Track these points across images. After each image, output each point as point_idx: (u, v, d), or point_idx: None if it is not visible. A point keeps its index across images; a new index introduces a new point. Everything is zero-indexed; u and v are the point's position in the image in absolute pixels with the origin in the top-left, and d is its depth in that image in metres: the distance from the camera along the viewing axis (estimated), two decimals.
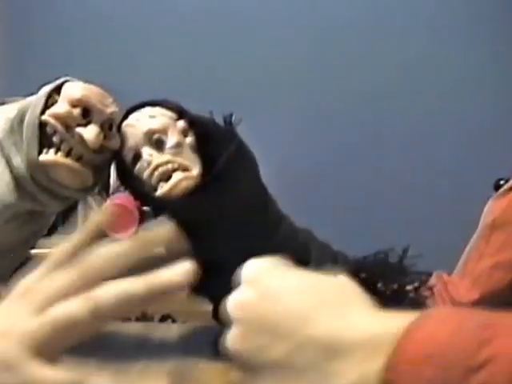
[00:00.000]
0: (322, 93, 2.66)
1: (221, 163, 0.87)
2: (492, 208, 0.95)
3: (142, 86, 2.53)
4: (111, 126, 0.92)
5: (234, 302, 0.56)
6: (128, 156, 0.89)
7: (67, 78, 0.95)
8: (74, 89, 0.92)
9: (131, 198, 2.00)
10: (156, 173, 0.87)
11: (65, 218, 2.30)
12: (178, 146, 0.88)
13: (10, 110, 0.96)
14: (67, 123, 0.90)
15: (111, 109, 0.92)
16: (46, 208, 0.98)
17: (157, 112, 0.89)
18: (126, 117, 0.89)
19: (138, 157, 0.88)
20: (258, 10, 2.67)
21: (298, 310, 0.53)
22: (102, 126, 0.91)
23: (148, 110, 0.89)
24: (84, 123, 0.91)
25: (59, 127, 0.90)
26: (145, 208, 2.00)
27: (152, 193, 0.88)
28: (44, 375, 0.51)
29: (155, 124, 0.88)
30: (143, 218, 2.03)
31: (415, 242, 0.89)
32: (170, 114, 0.90)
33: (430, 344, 0.46)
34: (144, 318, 1.92)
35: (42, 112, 0.91)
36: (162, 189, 0.87)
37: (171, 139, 0.88)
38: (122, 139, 0.89)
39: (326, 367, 0.51)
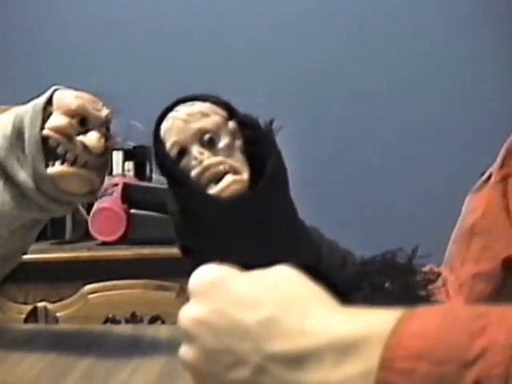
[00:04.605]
0: (320, 94, 2.67)
1: (271, 168, 0.85)
2: (471, 205, 0.95)
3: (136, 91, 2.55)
4: (108, 128, 0.95)
5: (186, 319, 0.55)
6: (172, 150, 0.85)
7: (56, 86, 0.96)
8: (68, 99, 0.93)
9: (119, 201, 2.01)
10: (207, 173, 0.84)
11: (53, 222, 2.30)
12: (230, 147, 0.85)
13: (2, 125, 0.96)
14: (69, 134, 0.92)
15: (105, 112, 0.94)
16: (53, 215, 1.00)
17: (209, 110, 0.86)
18: (171, 108, 0.86)
19: (183, 153, 0.85)
20: (251, 10, 2.68)
21: (251, 324, 0.52)
22: (99, 130, 0.93)
23: (199, 105, 0.86)
24: (83, 131, 0.93)
25: (62, 139, 0.92)
26: (132, 211, 2.00)
27: (201, 190, 0.85)
28: None
29: (208, 123, 0.85)
30: (130, 221, 2.03)
31: (425, 242, 0.88)
32: (222, 112, 0.86)
33: (422, 339, 0.46)
34: (134, 319, 1.92)
35: (42, 127, 0.93)
36: (212, 190, 0.84)
37: (223, 140, 0.85)
38: (166, 131, 0.85)
39: (297, 380, 0.50)
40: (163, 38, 2.65)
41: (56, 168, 0.93)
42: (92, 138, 0.92)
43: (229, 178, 0.84)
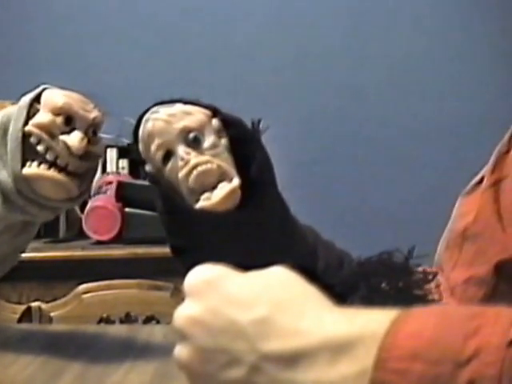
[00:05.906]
0: (312, 91, 2.67)
1: (258, 172, 0.83)
2: (462, 208, 0.95)
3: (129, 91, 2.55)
4: (95, 132, 0.92)
5: (181, 318, 0.55)
6: (157, 154, 0.82)
7: (46, 85, 0.93)
8: (55, 96, 0.91)
9: (113, 200, 2.01)
10: (194, 172, 0.80)
11: (46, 221, 2.29)
12: (216, 146, 0.82)
13: None
14: (51, 132, 0.89)
15: (94, 114, 0.91)
16: (36, 218, 0.97)
17: (192, 108, 0.83)
18: (148, 112, 0.83)
19: (169, 155, 0.82)
20: (245, 4, 2.68)
21: (246, 323, 0.52)
22: (85, 132, 0.90)
23: (180, 106, 0.83)
24: (68, 131, 0.90)
25: (44, 136, 0.89)
26: (127, 210, 2.00)
27: (191, 202, 0.81)
28: None
29: (192, 121, 0.82)
30: (125, 220, 2.03)
31: (422, 242, 0.88)
32: (205, 110, 0.83)
33: (416, 339, 0.46)
34: (128, 319, 1.92)
35: (26, 123, 0.90)
36: (209, 201, 0.80)
37: (208, 139, 0.82)
38: (148, 135, 0.82)
39: (292, 379, 0.50)
40: (158, 33, 2.65)
41: (31, 169, 0.90)
42: (74, 138, 0.89)
43: (224, 189, 0.80)
